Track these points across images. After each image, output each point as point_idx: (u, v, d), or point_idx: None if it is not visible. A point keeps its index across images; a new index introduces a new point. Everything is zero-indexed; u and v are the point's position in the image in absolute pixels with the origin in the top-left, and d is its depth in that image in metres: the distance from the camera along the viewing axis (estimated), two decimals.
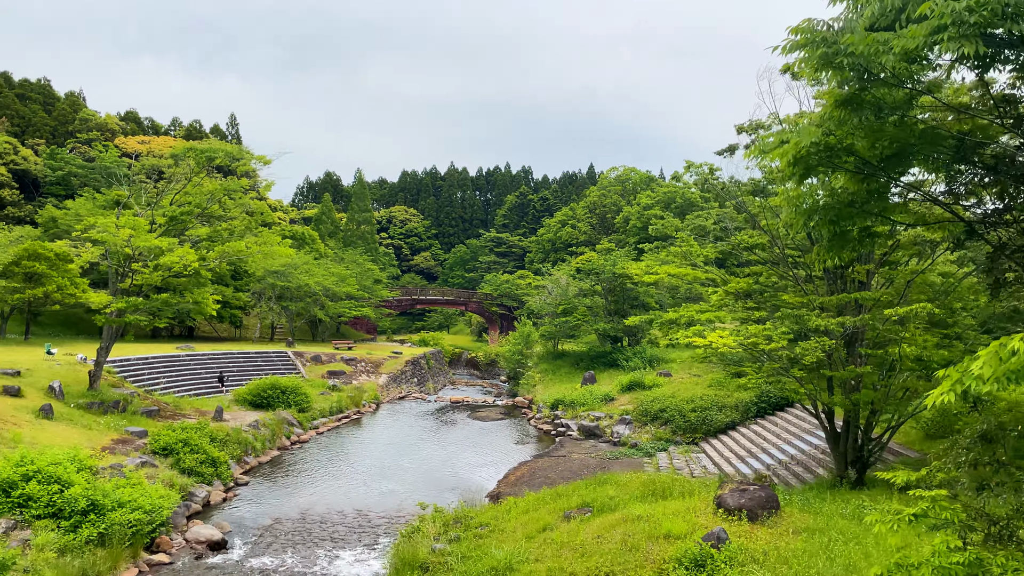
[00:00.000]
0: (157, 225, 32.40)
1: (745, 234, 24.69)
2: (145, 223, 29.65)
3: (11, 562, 16.57)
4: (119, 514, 20.76)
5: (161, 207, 32.55)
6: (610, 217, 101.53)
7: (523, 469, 33.92)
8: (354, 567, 21.48)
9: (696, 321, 24.02)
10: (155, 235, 29.91)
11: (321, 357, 54.54)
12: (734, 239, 23.56)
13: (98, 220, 32.01)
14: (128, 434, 30.78)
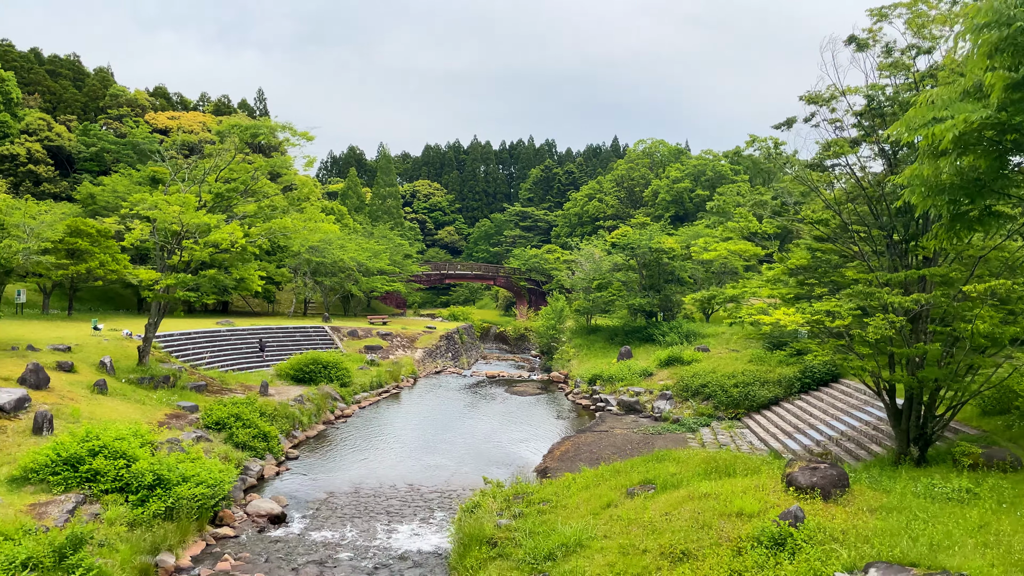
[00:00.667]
0: (203, 202, 32.52)
1: (809, 209, 24.26)
2: (194, 200, 29.76)
3: (88, 536, 16.87)
4: (184, 488, 21.06)
5: (208, 184, 32.59)
6: (638, 190, 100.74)
7: (567, 444, 34.02)
8: (413, 541, 21.71)
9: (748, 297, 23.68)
10: (203, 212, 30.00)
11: (358, 332, 54.88)
12: (801, 213, 23.13)
13: (148, 197, 32.19)
14: (180, 409, 31.21)
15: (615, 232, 55.00)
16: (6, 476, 21.32)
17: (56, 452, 21.21)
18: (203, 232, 31.24)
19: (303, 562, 19.73)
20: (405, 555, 20.41)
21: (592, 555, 16.12)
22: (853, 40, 21.88)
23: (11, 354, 31.02)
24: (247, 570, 19.00)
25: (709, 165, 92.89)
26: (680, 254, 51.86)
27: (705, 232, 56.83)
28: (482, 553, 17.56)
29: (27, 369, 27.93)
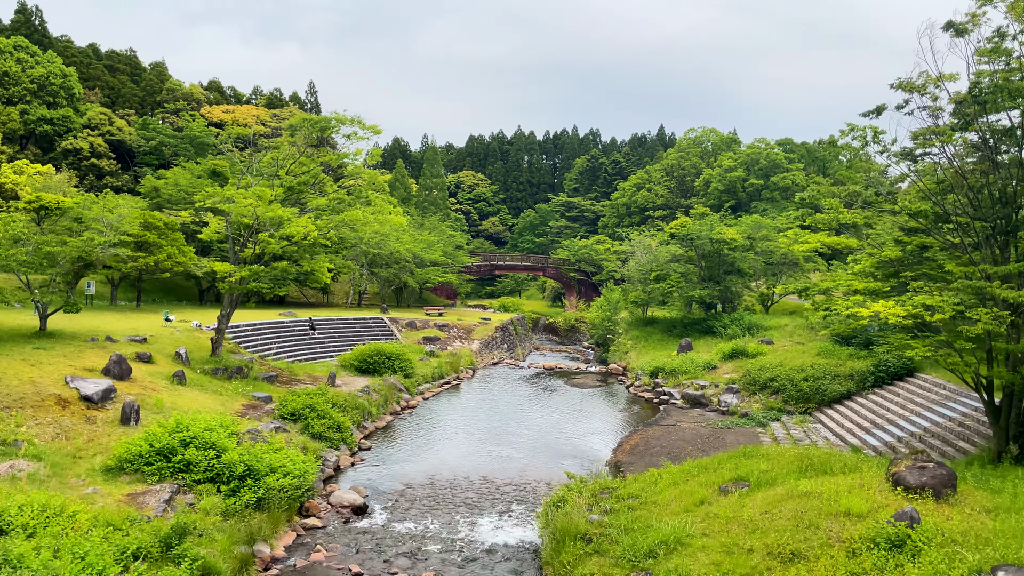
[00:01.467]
0: (275, 195, 32.85)
1: (905, 199, 23.56)
2: (269, 193, 30.08)
3: (191, 527, 17.16)
4: (273, 479, 21.34)
5: (280, 178, 32.93)
6: (689, 180, 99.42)
7: (635, 438, 33.76)
8: (496, 534, 21.70)
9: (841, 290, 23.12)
10: (277, 206, 30.31)
11: (415, 323, 55.19)
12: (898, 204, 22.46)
13: (220, 191, 32.64)
14: (255, 399, 31.69)
15: (673, 223, 54.26)
16: (101, 465, 21.83)
17: (149, 443, 21.65)
18: (276, 225, 31.57)
19: (393, 554, 19.84)
20: (492, 548, 20.40)
21: (694, 553, 15.89)
22: (951, 26, 21.11)
23: (91, 345, 31.76)
24: (339, 561, 19.17)
25: (762, 154, 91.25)
26: (741, 245, 51.00)
27: (767, 222, 55.79)
28: (577, 549, 17.44)
29: (111, 360, 28.58)
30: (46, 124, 70.13)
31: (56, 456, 21.94)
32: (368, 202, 36.77)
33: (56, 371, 27.36)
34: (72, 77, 75.04)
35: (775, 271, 58.09)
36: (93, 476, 21.02)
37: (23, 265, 28.92)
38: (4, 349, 28.44)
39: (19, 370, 26.38)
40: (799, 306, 61.41)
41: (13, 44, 72.43)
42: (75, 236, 32.35)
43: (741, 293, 54.32)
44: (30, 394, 24.99)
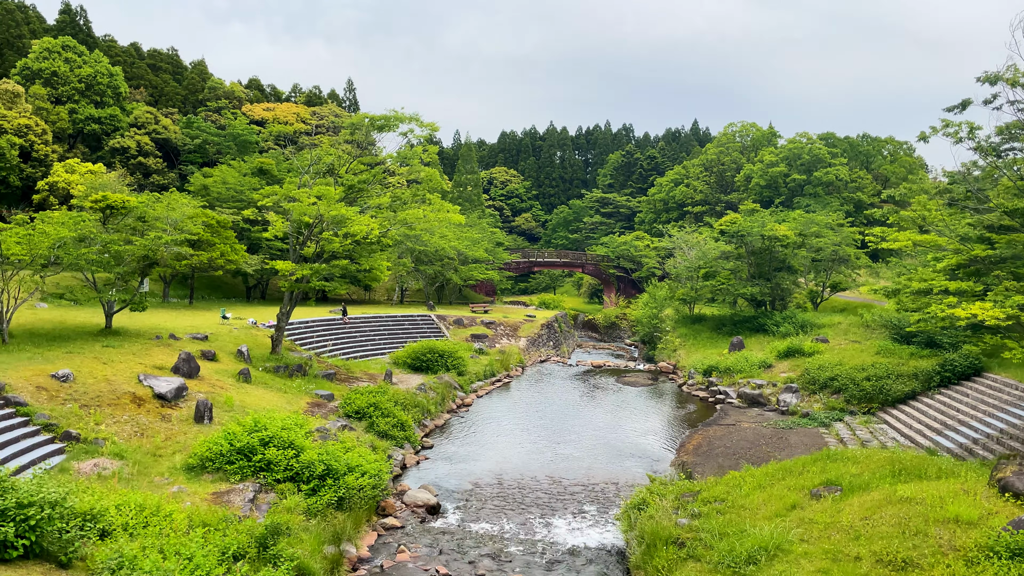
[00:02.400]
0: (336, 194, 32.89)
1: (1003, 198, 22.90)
2: (334, 192, 30.11)
3: (284, 527, 17.18)
4: (352, 478, 21.34)
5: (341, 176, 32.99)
6: (729, 175, 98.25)
7: (697, 438, 33.37)
8: (574, 535, 21.52)
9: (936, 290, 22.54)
10: (342, 204, 30.35)
11: (463, 320, 55.16)
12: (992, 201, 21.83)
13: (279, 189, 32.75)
14: (318, 397, 31.81)
15: (723, 219, 53.53)
16: (182, 464, 22.01)
17: (230, 442, 21.77)
18: (338, 224, 31.61)
19: (475, 555, 19.74)
20: (574, 550, 20.22)
21: (796, 560, 15.56)
22: None
23: (157, 343, 32.08)
24: (425, 562, 19.10)
25: (805, 148, 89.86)
26: (793, 241, 50.19)
27: (819, 219, 54.84)
28: (670, 553, 17.18)
29: (180, 358, 28.83)
30: (94, 123, 71.11)
31: (137, 454, 22.17)
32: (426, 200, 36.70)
33: (128, 369, 27.66)
34: (118, 76, 76.03)
35: (824, 268, 57.21)
36: (176, 474, 21.20)
37: (92, 264, 29.24)
38: (75, 347, 28.81)
39: (93, 368, 26.70)
40: (848, 303, 60.45)
41: (61, 44, 73.52)
42: (138, 235, 32.69)
43: (792, 290, 53.52)
44: (106, 392, 25.28)
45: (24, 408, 22.62)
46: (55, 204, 58.48)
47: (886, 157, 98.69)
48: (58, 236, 26.94)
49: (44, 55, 71.83)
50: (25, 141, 60.19)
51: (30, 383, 24.09)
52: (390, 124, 33.43)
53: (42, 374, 24.92)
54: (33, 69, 70.83)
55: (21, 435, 21.46)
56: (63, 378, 24.94)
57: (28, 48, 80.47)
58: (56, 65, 71.11)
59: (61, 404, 23.74)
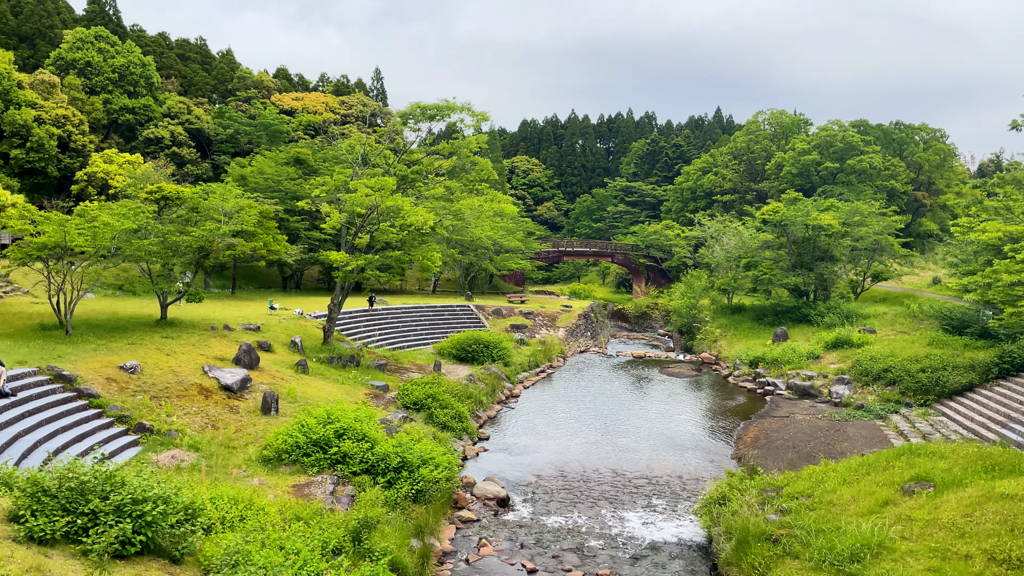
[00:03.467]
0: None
1: None
2: (392, 183, 29.93)
3: (375, 521, 17.07)
4: (427, 471, 21.23)
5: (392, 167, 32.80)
6: (759, 164, 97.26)
7: (753, 430, 33.10)
8: (649, 530, 21.32)
9: None
10: (399, 195, 30.17)
11: (501, 311, 55.02)
12: None
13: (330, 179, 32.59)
14: (374, 388, 31.76)
15: (765, 208, 52.90)
16: (256, 456, 22.00)
17: (304, 434, 21.72)
18: (393, 214, 31.45)
19: (557, 550, 19.59)
20: (655, 545, 20.04)
21: (902, 558, 15.28)
22: None
23: (212, 334, 32.10)
24: (509, 556, 18.99)
25: (837, 136, 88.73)
26: (838, 231, 49.55)
27: (863, 208, 54.07)
28: (764, 550, 16.94)
29: (240, 349, 28.84)
30: (128, 113, 71.33)
31: (211, 446, 22.17)
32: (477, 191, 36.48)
33: (191, 360, 27.69)
34: (151, 66, 76.16)
35: (864, 257, 56.52)
36: (252, 467, 21.17)
37: (152, 255, 29.26)
38: (136, 338, 28.87)
39: (158, 360, 26.75)
40: (889, 293, 59.76)
41: (94, 34, 73.71)
42: (191, 226, 32.68)
43: (835, 280, 52.91)
44: (173, 384, 25.32)
45: (97, 400, 22.69)
46: (93, 194, 58.78)
47: (919, 144, 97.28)
48: (122, 227, 26.92)
49: (77, 45, 72.05)
50: (63, 131, 60.45)
51: (100, 375, 24.15)
52: (442, 113, 33.15)
53: (110, 365, 24.98)
54: (67, 59, 71.09)
55: (96, 427, 21.53)
56: (131, 369, 24.99)
57: (59, 39, 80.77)
58: (90, 55, 71.32)
59: (131, 396, 23.80)
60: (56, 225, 25.67)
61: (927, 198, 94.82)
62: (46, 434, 19.80)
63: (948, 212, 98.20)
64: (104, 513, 12.51)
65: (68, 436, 20.29)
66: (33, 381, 22.14)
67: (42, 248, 26.02)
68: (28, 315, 32.69)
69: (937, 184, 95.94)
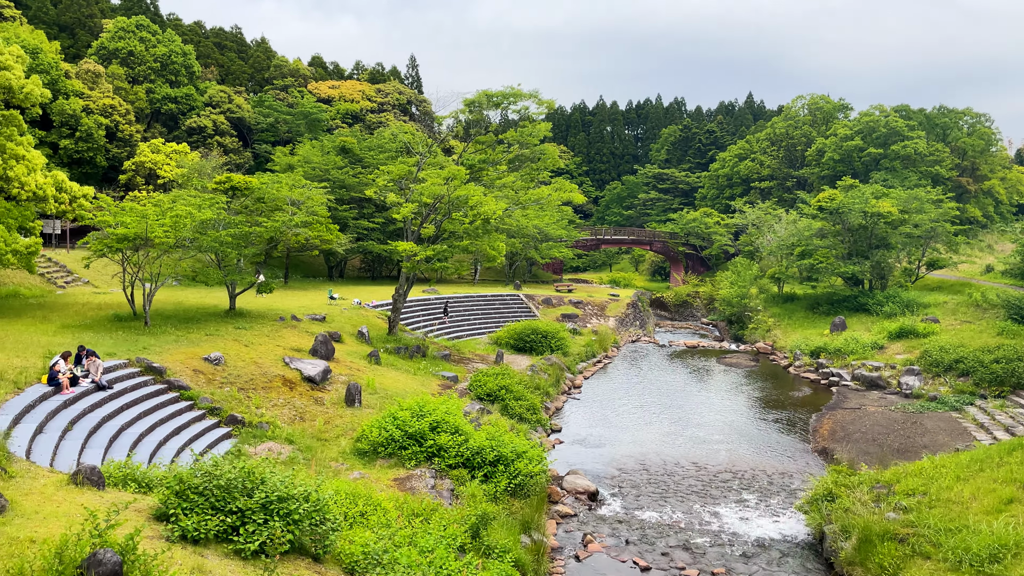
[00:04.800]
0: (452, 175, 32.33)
1: None
2: (464, 173, 29.56)
3: (492, 517, 16.82)
4: (523, 464, 20.96)
5: (460, 156, 32.42)
6: (800, 149, 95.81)
7: (827, 422, 32.55)
8: (749, 526, 20.92)
9: None
10: (472, 185, 29.79)
11: (551, 300, 54.65)
12: None
13: (392, 169, 32.30)
14: (444, 379, 31.56)
15: (821, 195, 51.93)
16: (350, 448, 21.85)
17: (399, 427, 21.51)
18: (460, 204, 31.10)
19: (664, 546, 19.26)
20: (762, 542, 19.63)
21: None
22: None
23: (282, 325, 31.99)
24: (617, 553, 18.69)
25: (881, 121, 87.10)
26: (897, 218, 48.56)
27: (921, 194, 52.99)
28: (890, 550, 16.48)
29: (317, 340, 28.70)
30: (170, 103, 71.45)
31: (303, 438, 22.06)
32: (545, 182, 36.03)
33: (269, 352, 27.59)
34: (191, 55, 76.23)
35: (920, 244, 55.46)
36: (349, 459, 21.01)
37: (226, 246, 29.15)
38: (211, 329, 28.80)
39: (238, 351, 26.66)
40: (943, 281, 58.68)
41: (135, 23, 73.81)
42: (262, 216, 32.54)
43: (893, 268, 51.94)
44: (257, 375, 25.23)
45: (187, 392, 22.62)
46: (141, 184, 58.98)
47: (963, 129, 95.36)
48: (202, 218, 26.79)
49: (120, 35, 72.20)
50: (110, 121, 60.62)
51: (186, 366, 24.09)
52: (508, 100, 32.67)
53: (194, 357, 24.92)
54: (109, 49, 71.28)
55: (191, 419, 21.46)
56: (215, 361, 24.91)
57: (99, 28, 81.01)
58: (132, 44, 71.46)
59: (219, 387, 23.72)
60: (138, 216, 25.57)
61: (971, 184, 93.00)
62: (146, 427, 19.73)
63: (991, 198, 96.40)
64: (251, 511, 12.31)
65: (167, 429, 20.22)
66: (125, 373, 22.11)
67: (123, 239, 25.95)
68: (97, 305, 32.77)
69: (981, 170, 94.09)
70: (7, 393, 18.00)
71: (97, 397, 19.87)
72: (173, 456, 18.80)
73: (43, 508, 11.90)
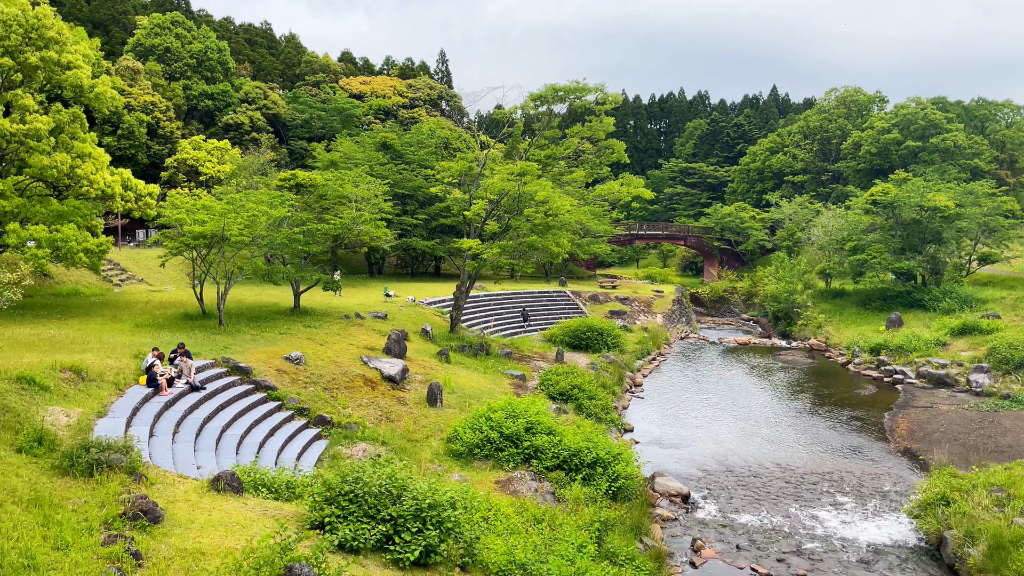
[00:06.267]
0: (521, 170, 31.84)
1: None
2: (536, 168, 29.09)
3: (613, 523, 16.37)
4: (622, 467, 20.51)
5: (530, 152, 31.95)
6: (835, 143, 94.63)
7: (902, 422, 31.89)
8: (851, 529, 20.37)
9: None
10: (543, 180, 29.31)
11: (598, 297, 54.13)
12: None
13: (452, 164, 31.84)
14: (512, 377, 31.14)
15: (873, 189, 50.97)
16: (443, 449, 21.50)
17: (493, 428, 21.11)
18: (528, 199, 30.62)
19: (776, 552, 18.76)
20: (876, 548, 19.08)
21: None
22: None
23: (348, 323, 31.64)
24: (731, 559, 18.21)
25: (919, 114, 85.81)
26: (954, 212, 47.64)
27: (977, 188, 52.00)
28: None
29: (390, 339, 28.34)
30: (207, 99, 71.32)
31: (394, 439, 21.73)
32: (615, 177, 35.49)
33: (344, 351, 27.26)
34: (226, 52, 76.09)
35: (972, 239, 54.47)
36: (445, 461, 20.65)
37: (296, 243, 28.83)
38: (283, 328, 28.48)
39: (315, 350, 26.35)
40: (993, 276, 57.62)
41: (170, 20, 73.72)
42: (329, 213, 32.18)
43: (947, 263, 51.02)
44: (338, 375, 24.90)
45: (275, 392, 22.30)
46: (183, 181, 58.83)
47: (1000, 122, 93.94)
48: (277, 216, 26.47)
49: (155, 31, 72.11)
50: (151, 118, 60.54)
51: (269, 366, 23.78)
52: (575, 94, 32.15)
53: (275, 356, 24.61)
54: (146, 45, 71.22)
55: (282, 420, 21.13)
56: (296, 360, 24.60)
57: (132, 25, 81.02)
58: (168, 41, 71.38)
59: (304, 387, 23.40)
60: (217, 215, 25.26)
61: (1010, 177, 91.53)
62: (244, 428, 19.42)
63: None
64: (402, 518, 11.94)
65: (262, 430, 19.92)
66: (214, 374, 21.82)
67: (199, 237, 25.67)
68: (160, 304, 32.57)
69: (1020, 162, 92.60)
70: (111, 395, 17.73)
71: (194, 398, 19.59)
72: (275, 458, 18.48)
73: (196, 517, 11.58)
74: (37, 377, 16.17)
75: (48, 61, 27.95)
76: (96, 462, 12.29)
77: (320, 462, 19.58)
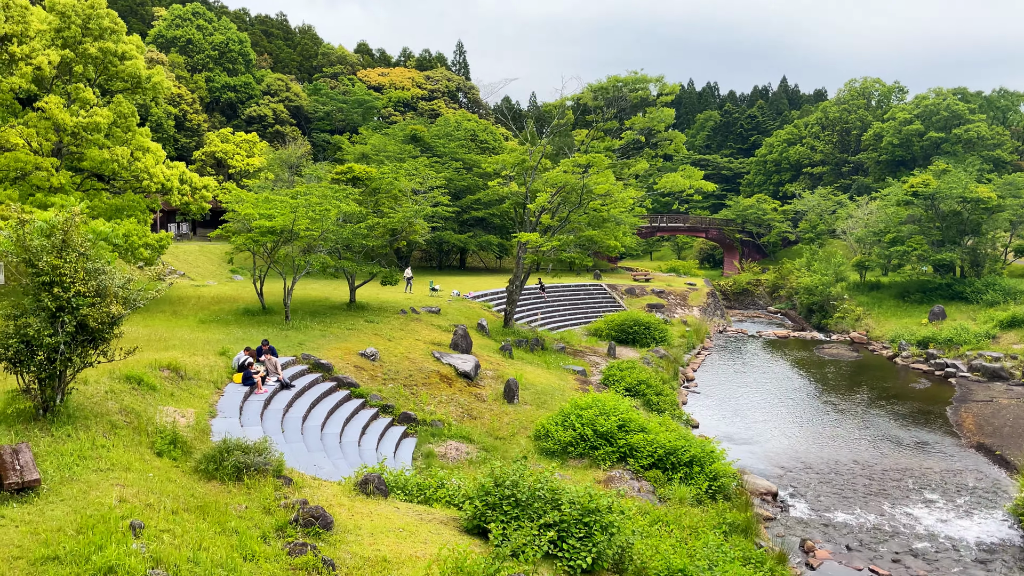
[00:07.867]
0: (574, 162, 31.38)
1: None
2: (605, 160, 28.62)
3: (743, 525, 15.99)
4: (719, 465, 20.12)
5: (593, 144, 31.48)
6: (855, 134, 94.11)
7: (968, 417, 31.57)
8: (955, 528, 20.05)
9: None
10: (608, 173, 28.86)
11: (634, 290, 53.69)
12: None
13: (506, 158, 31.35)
14: (574, 372, 30.73)
15: (913, 180, 50.50)
16: (533, 447, 21.11)
17: (588, 427, 20.71)
18: (587, 193, 30.15)
19: (888, 552, 18.39)
20: (987, 547, 18.72)
21: None
22: None
23: (406, 318, 31.16)
24: (845, 560, 17.86)
25: (941, 105, 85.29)
26: (996, 204, 47.22)
27: (1019, 180, 51.60)
28: None
29: (456, 335, 27.94)
30: (229, 91, 70.71)
31: (480, 437, 21.36)
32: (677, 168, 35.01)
33: (413, 347, 26.83)
34: (247, 43, 75.38)
35: (1008, 229, 54.06)
36: (537, 459, 20.21)
37: (357, 237, 28.37)
38: (348, 324, 28.02)
39: (386, 346, 25.92)
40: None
41: (191, 11, 72.99)
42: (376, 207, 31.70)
43: (988, 255, 50.61)
44: (414, 371, 24.49)
45: (357, 389, 21.89)
46: (211, 173, 58.27)
47: (1022, 112, 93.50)
48: (346, 210, 26.01)
49: (176, 23, 71.41)
50: (178, 110, 59.93)
51: (346, 362, 23.36)
52: (634, 84, 31.67)
53: (350, 352, 24.18)
54: (167, 37, 70.52)
55: (369, 418, 20.72)
56: (371, 357, 24.18)
57: (150, 16, 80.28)
58: (189, 33, 70.67)
59: (383, 384, 23.00)
60: (288, 209, 24.76)
61: None
62: (338, 426, 19.05)
63: None
64: (567, 524, 11.53)
65: (355, 427, 19.53)
66: (297, 371, 21.38)
67: (267, 232, 25.19)
68: (213, 299, 32.06)
69: None
70: (212, 394, 17.32)
71: (286, 396, 19.17)
72: (375, 455, 18.06)
73: (360, 523, 11.17)
74: (145, 377, 15.74)
75: (106, 52, 27.41)
76: (244, 465, 11.87)
77: (414, 460, 19.19)
